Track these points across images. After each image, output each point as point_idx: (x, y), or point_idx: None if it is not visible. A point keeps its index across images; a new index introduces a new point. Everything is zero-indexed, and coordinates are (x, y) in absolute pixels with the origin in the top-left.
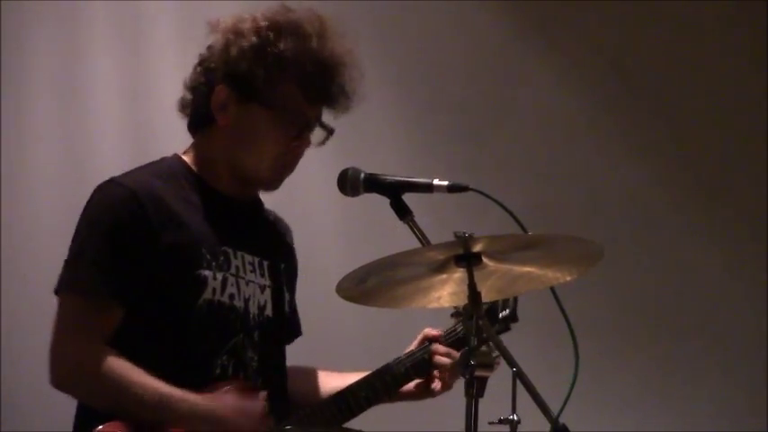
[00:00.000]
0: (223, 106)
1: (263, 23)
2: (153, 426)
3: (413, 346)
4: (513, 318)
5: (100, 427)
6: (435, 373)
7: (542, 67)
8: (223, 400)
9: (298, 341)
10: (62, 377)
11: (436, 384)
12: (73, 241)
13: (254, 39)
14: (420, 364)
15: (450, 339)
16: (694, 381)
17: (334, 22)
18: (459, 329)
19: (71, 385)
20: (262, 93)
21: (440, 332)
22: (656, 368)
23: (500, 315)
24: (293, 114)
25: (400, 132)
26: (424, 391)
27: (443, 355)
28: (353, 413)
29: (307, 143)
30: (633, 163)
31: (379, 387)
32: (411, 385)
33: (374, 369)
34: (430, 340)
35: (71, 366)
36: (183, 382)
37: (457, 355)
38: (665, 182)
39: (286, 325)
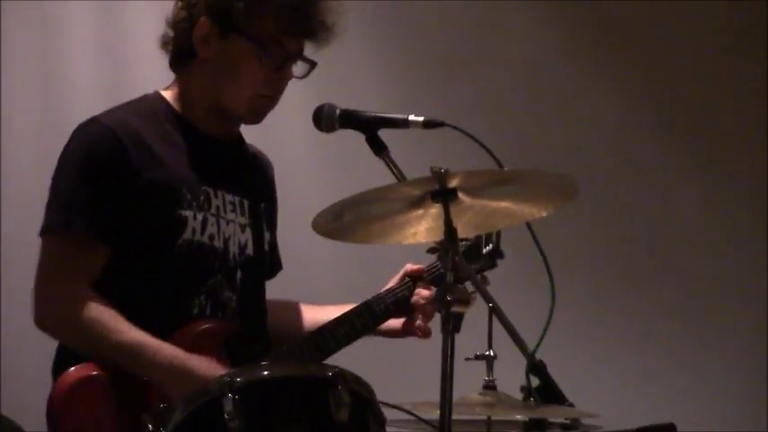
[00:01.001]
0: (205, 39)
1: None
2: (127, 371)
3: (393, 281)
4: (497, 253)
5: (72, 368)
6: (416, 314)
7: (524, 3)
8: (200, 359)
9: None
10: (44, 318)
11: (417, 325)
12: (53, 181)
13: None
14: (400, 301)
15: (433, 275)
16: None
17: None
18: (441, 265)
19: (52, 327)
20: (243, 25)
21: (421, 268)
22: (639, 304)
23: (484, 251)
24: (274, 46)
25: (377, 69)
26: (404, 331)
27: (424, 299)
28: (332, 350)
29: (288, 75)
30: (614, 99)
31: (359, 325)
32: (391, 324)
33: (353, 305)
34: (411, 277)
35: (53, 308)
36: (161, 321)
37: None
38: (647, 120)
39: (266, 263)
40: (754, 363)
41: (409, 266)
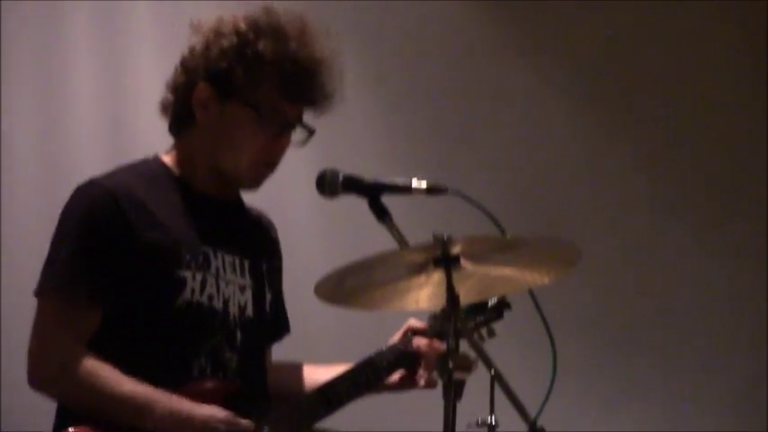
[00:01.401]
0: (204, 104)
1: (243, 25)
2: (130, 428)
3: (396, 337)
4: (504, 304)
5: (71, 429)
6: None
7: (523, 67)
8: (206, 408)
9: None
10: (38, 378)
11: (419, 378)
12: (52, 242)
13: (234, 39)
14: (402, 356)
15: (434, 331)
16: (691, 382)
17: (315, 23)
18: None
19: (47, 387)
20: (242, 91)
21: (424, 324)
22: (640, 369)
23: (490, 303)
24: (273, 113)
25: (379, 134)
26: (406, 384)
27: (427, 347)
28: (334, 408)
29: (287, 142)
30: (616, 163)
31: (361, 381)
32: (394, 377)
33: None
34: (414, 332)
35: (47, 368)
36: (161, 383)
37: (441, 345)
38: (649, 182)
39: (268, 324)
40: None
41: (412, 321)
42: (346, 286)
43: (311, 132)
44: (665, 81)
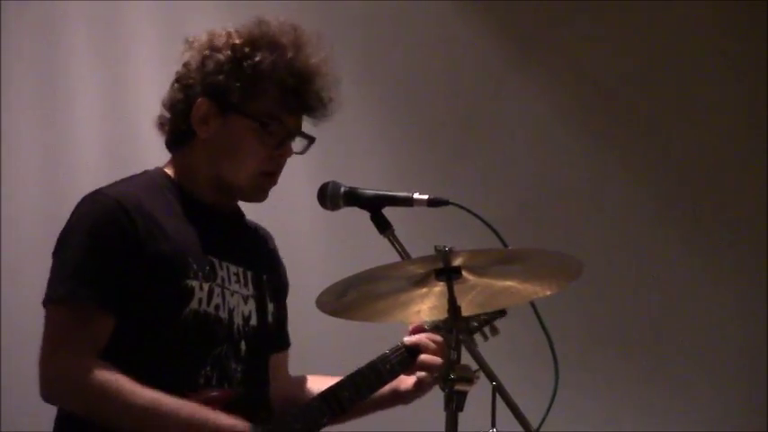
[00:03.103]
0: (203, 119)
1: (237, 38)
2: None
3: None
4: None
5: None
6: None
7: (523, 81)
8: (220, 413)
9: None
10: (51, 391)
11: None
12: (58, 252)
13: (229, 52)
14: (406, 359)
15: (433, 326)
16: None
17: (308, 31)
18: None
19: (62, 398)
20: (242, 104)
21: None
22: (640, 380)
23: None
24: (273, 124)
25: (380, 146)
26: (408, 393)
27: (425, 338)
28: (336, 414)
29: (288, 152)
30: (616, 175)
31: (364, 386)
32: (396, 385)
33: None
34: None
35: (60, 380)
36: (167, 391)
37: (438, 338)
38: (649, 193)
39: (271, 335)
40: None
41: (414, 326)
42: (348, 298)
43: (311, 141)
44: (663, 90)
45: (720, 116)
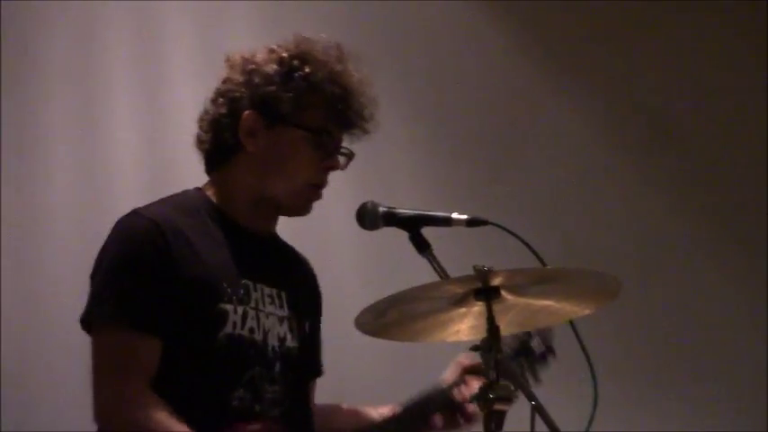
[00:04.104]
0: (252, 132)
1: (284, 52)
2: None
3: (448, 376)
4: (550, 350)
5: None
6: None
7: (559, 100)
8: None
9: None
10: (104, 415)
11: (462, 418)
12: (97, 274)
13: (276, 66)
14: (449, 399)
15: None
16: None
17: (350, 49)
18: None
19: (111, 425)
20: (292, 115)
21: (474, 361)
22: (678, 405)
23: (534, 347)
24: (324, 135)
25: (419, 165)
26: (450, 425)
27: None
28: None
29: (337, 165)
30: (651, 195)
31: (407, 421)
32: (438, 421)
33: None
34: (467, 371)
35: (113, 406)
36: (201, 413)
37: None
38: (684, 213)
39: (308, 355)
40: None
41: (463, 359)
42: (387, 318)
43: (351, 156)
44: (696, 114)
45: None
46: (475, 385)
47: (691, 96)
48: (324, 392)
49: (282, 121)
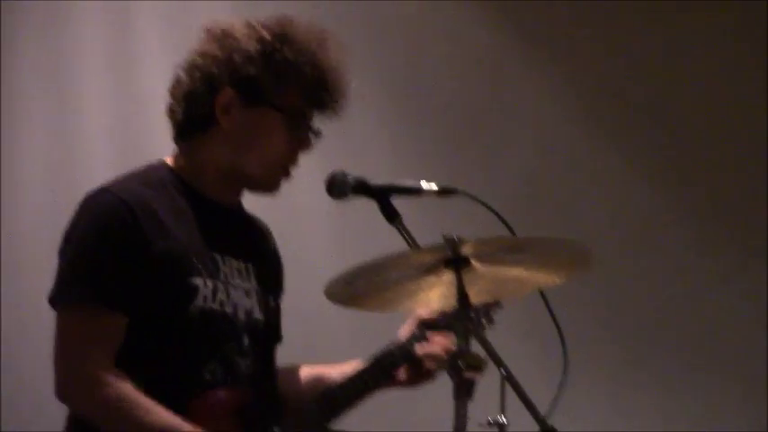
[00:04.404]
0: (228, 109)
1: (265, 32)
2: None
3: (405, 330)
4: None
5: None
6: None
7: (530, 70)
8: None
9: (288, 344)
10: (67, 394)
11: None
12: (65, 252)
13: (258, 45)
14: (411, 354)
15: (444, 323)
16: (691, 382)
17: (331, 31)
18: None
19: (75, 402)
20: (270, 96)
21: (432, 315)
22: (649, 369)
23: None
24: (299, 117)
25: (388, 136)
26: (412, 379)
27: (433, 354)
28: (344, 410)
29: (309, 145)
30: (623, 165)
31: (370, 382)
32: (401, 375)
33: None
34: (424, 325)
35: (75, 387)
36: (174, 388)
37: (447, 342)
38: (656, 184)
39: (273, 328)
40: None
41: (422, 312)
42: (356, 288)
43: (320, 135)
44: (667, 82)
45: (724, 106)
46: (437, 341)
47: (663, 66)
48: (292, 361)
49: (260, 101)
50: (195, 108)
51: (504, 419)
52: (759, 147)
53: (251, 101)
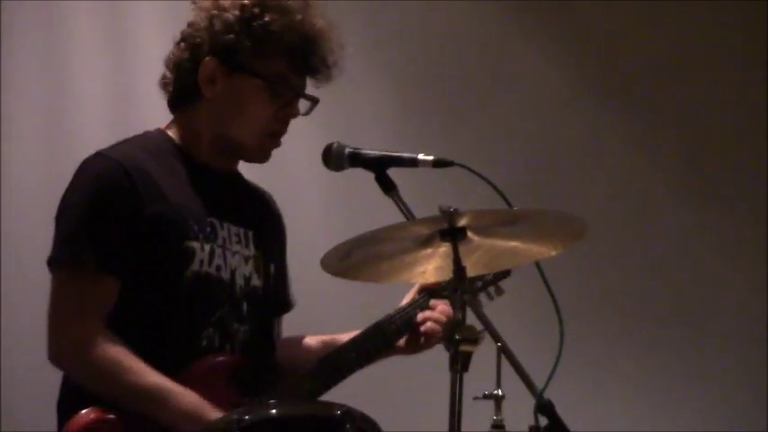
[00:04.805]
0: (211, 79)
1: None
2: (139, 415)
3: (409, 296)
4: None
5: (83, 410)
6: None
7: (531, 42)
8: (217, 412)
9: (285, 316)
10: (60, 357)
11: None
12: (62, 215)
13: (237, 12)
14: (411, 321)
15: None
16: (689, 353)
17: None
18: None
19: (67, 366)
20: (250, 63)
21: (437, 282)
22: (645, 343)
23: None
24: (282, 83)
25: (385, 107)
26: (412, 347)
27: (433, 317)
28: (343, 376)
29: (295, 112)
30: (622, 139)
31: (371, 348)
32: (402, 342)
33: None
34: (427, 292)
35: (69, 348)
36: (170, 352)
37: (447, 308)
38: (655, 160)
39: (273, 295)
40: (756, 406)
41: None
42: (353, 259)
43: (315, 102)
44: (665, 62)
45: (722, 84)
46: (439, 308)
47: (667, 44)
48: (292, 332)
49: (240, 68)
50: (183, 79)
51: (500, 392)
52: (759, 121)
53: (232, 68)
